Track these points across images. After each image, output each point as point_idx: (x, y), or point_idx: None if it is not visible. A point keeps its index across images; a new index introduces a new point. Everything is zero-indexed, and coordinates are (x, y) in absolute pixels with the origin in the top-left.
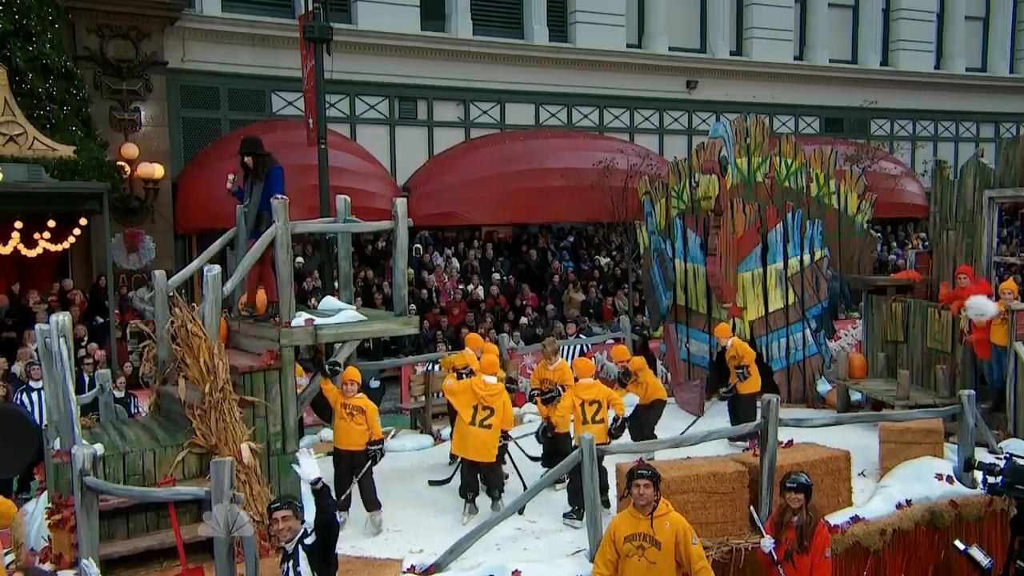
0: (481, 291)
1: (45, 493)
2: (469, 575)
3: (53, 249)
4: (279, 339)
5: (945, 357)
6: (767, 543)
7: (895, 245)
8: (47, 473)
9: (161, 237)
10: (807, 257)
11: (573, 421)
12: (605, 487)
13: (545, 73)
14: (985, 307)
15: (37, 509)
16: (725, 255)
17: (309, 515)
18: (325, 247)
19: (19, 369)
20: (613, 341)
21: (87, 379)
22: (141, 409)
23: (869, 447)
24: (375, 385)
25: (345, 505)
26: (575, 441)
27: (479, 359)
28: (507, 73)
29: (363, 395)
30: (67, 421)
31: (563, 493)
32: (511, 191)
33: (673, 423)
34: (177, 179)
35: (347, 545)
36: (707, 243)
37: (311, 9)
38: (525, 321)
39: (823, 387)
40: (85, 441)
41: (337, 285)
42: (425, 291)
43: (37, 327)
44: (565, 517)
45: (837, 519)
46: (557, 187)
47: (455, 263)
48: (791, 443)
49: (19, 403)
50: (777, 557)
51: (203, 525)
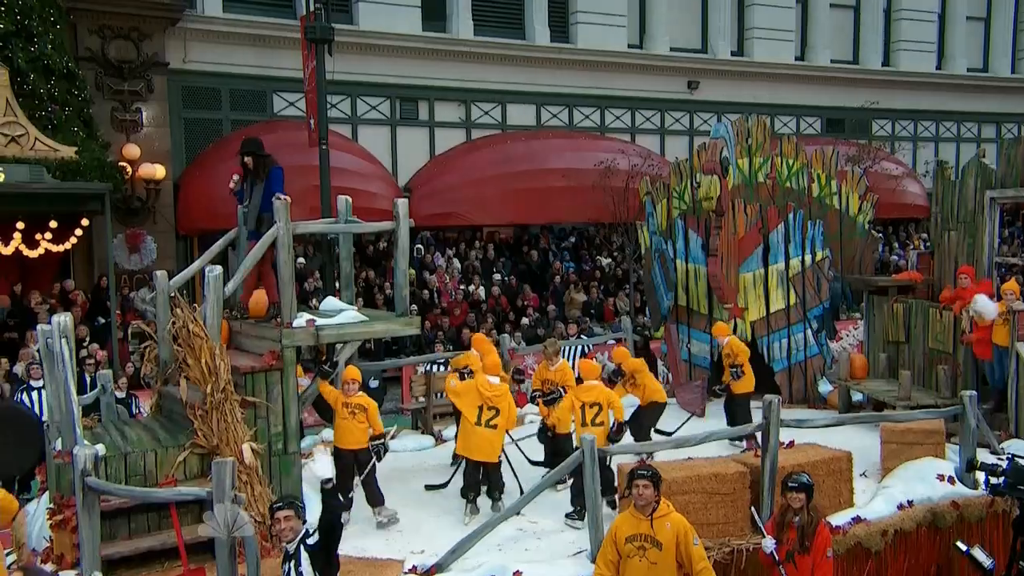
0: (482, 292)
1: (47, 493)
2: None
3: (55, 249)
4: (280, 340)
5: (947, 358)
6: (768, 543)
7: (896, 246)
8: (49, 473)
9: (162, 238)
10: (808, 258)
11: (575, 423)
12: (613, 488)
13: (546, 73)
14: (989, 308)
15: (39, 509)
16: (726, 256)
17: (311, 515)
18: (327, 248)
19: (21, 369)
20: (614, 342)
21: (89, 379)
22: (142, 409)
23: (870, 448)
24: (374, 384)
25: (347, 506)
26: (576, 442)
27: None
28: (508, 73)
29: (363, 393)
30: (69, 421)
31: (564, 494)
32: (512, 191)
33: (674, 424)
34: (178, 180)
35: (348, 545)
36: (708, 244)
37: (312, 10)
38: (526, 322)
39: (824, 388)
40: (87, 441)
41: (338, 286)
42: (426, 292)
43: (39, 327)
44: (567, 517)
45: (838, 520)
46: (558, 187)
47: (456, 264)
48: (792, 444)
49: (19, 402)
50: (779, 557)
51: (203, 525)
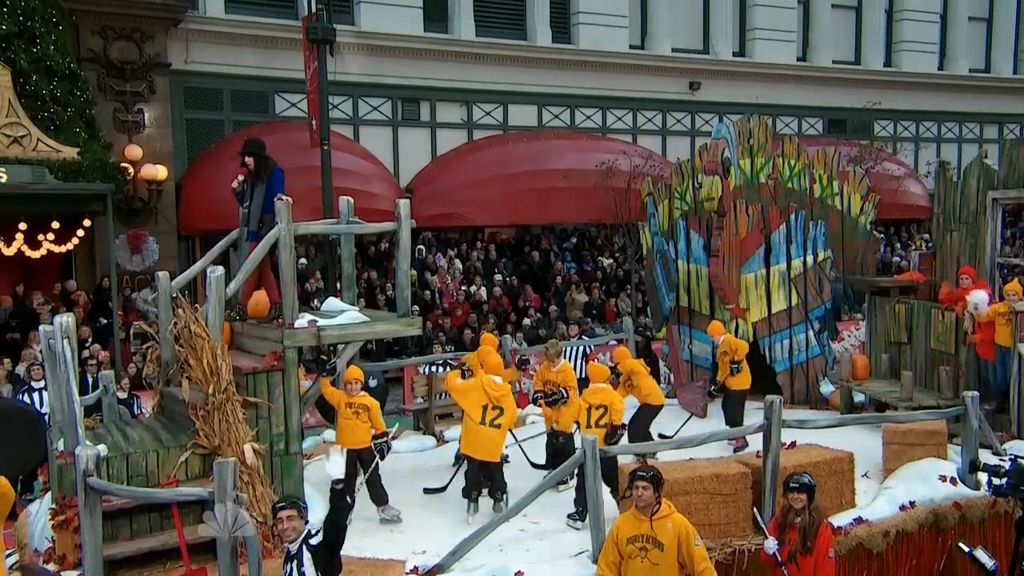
0: (484, 292)
1: (49, 494)
2: None
3: (57, 250)
4: (282, 340)
5: (949, 358)
6: (771, 544)
7: (898, 246)
8: (51, 474)
9: (164, 238)
10: (810, 258)
11: (578, 424)
12: (613, 482)
13: (548, 74)
14: (982, 300)
15: (41, 510)
16: (728, 256)
17: (313, 515)
18: (328, 248)
19: (23, 370)
20: (616, 342)
21: (91, 380)
22: (144, 410)
23: (872, 448)
24: (373, 384)
25: (350, 506)
26: (578, 443)
27: (481, 360)
28: (510, 74)
29: (365, 393)
30: (71, 422)
31: (566, 494)
32: (514, 192)
33: (675, 424)
34: (180, 180)
35: (349, 545)
36: (710, 244)
37: (314, 10)
38: (528, 322)
39: (826, 388)
40: (89, 442)
41: (340, 286)
42: (428, 292)
43: (41, 328)
44: (569, 518)
45: (840, 521)
46: (560, 188)
47: (458, 264)
48: (794, 444)
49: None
50: (781, 558)
51: (204, 525)
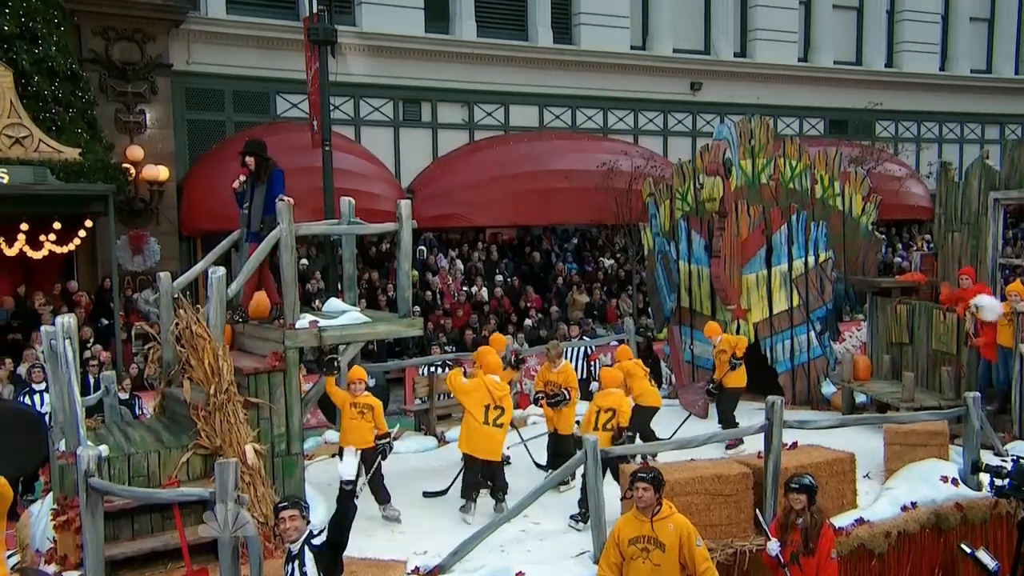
0: (485, 293)
1: (50, 494)
2: None
3: (58, 251)
4: (283, 341)
5: (950, 359)
6: (773, 546)
7: (900, 247)
8: (52, 474)
9: (166, 239)
10: (811, 259)
11: (582, 424)
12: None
13: (549, 75)
14: (995, 306)
15: (42, 510)
16: (729, 257)
17: (314, 516)
18: (329, 249)
19: (24, 371)
20: (617, 343)
21: (92, 381)
22: (146, 411)
23: (874, 449)
24: (372, 383)
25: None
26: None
27: (480, 361)
28: (511, 75)
29: (368, 393)
30: (72, 422)
31: (568, 495)
32: (515, 193)
33: (676, 425)
34: (182, 181)
35: (351, 546)
36: (711, 245)
37: (315, 11)
38: (529, 323)
39: (828, 389)
40: (90, 442)
41: (341, 287)
42: (429, 293)
43: (43, 329)
44: (571, 519)
45: (842, 521)
46: (561, 189)
47: (459, 265)
48: (796, 445)
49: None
50: (783, 559)
51: (205, 525)
